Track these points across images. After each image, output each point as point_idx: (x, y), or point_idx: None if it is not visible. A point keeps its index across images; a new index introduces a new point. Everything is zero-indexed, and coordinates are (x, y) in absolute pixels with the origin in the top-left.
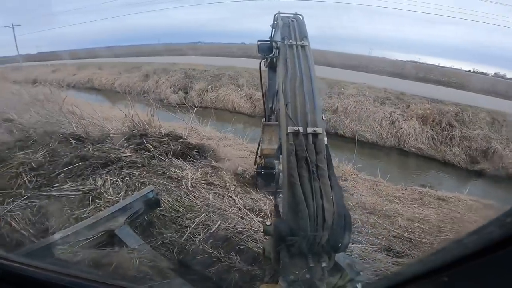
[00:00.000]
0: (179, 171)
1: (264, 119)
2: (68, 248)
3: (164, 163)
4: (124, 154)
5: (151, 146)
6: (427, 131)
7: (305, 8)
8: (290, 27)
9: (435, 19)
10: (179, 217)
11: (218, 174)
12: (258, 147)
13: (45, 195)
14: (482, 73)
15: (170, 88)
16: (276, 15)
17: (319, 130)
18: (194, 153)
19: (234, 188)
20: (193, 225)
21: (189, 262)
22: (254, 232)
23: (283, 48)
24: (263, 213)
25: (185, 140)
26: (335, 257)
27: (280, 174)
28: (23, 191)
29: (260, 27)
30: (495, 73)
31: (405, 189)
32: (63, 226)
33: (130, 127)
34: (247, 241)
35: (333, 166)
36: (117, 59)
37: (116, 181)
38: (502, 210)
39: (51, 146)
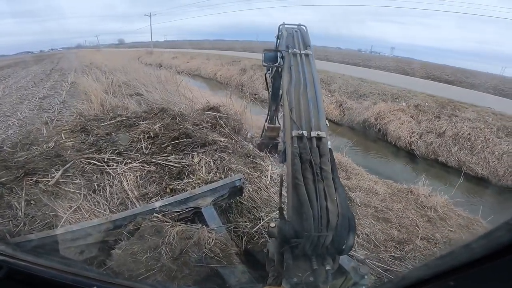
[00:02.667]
0: (263, 163)
1: (266, 121)
2: (162, 218)
3: (249, 153)
4: (219, 139)
5: (236, 136)
6: None
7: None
8: (294, 37)
9: None
10: (255, 208)
11: None
12: (263, 131)
13: (154, 162)
14: None
15: (263, 84)
16: (280, 26)
17: (322, 134)
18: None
19: None
20: (267, 219)
21: (255, 253)
22: None
23: (287, 56)
24: None
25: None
26: (340, 260)
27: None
28: (139, 155)
29: (361, 33)
30: None
31: None
32: (160, 194)
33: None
34: None
35: (337, 169)
36: (221, 52)
37: (209, 161)
38: None
39: (165, 120)
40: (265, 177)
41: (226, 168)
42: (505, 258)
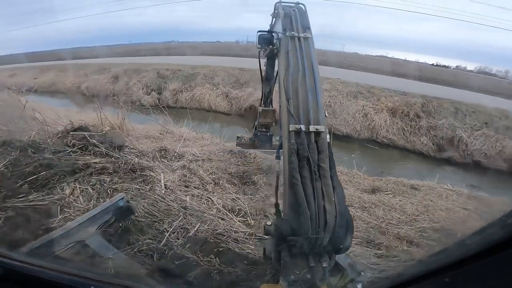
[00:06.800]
0: (153, 174)
1: (260, 105)
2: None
3: (135, 167)
4: (94, 160)
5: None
6: (397, 123)
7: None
8: (292, 18)
9: (415, 17)
10: (156, 222)
11: (196, 174)
12: (257, 119)
13: (10, 207)
14: (444, 66)
15: (143, 89)
16: (276, 4)
17: (321, 128)
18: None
19: (212, 188)
20: (171, 230)
21: (169, 268)
22: (235, 232)
23: (284, 40)
24: (243, 213)
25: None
26: (336, 257)
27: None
28: None
29: (237, 25)
30: (456, 66)
31: (380, 180)
32: (32, 237)
33: (99, 132)
34: (228, 242)
35: (335, 165)
36: (84, 61)
37: (86, 188)
38: (469, 196)
39: (13, 155)
40: (158, 187)
41: (110, 190)
42: (499, 255)
